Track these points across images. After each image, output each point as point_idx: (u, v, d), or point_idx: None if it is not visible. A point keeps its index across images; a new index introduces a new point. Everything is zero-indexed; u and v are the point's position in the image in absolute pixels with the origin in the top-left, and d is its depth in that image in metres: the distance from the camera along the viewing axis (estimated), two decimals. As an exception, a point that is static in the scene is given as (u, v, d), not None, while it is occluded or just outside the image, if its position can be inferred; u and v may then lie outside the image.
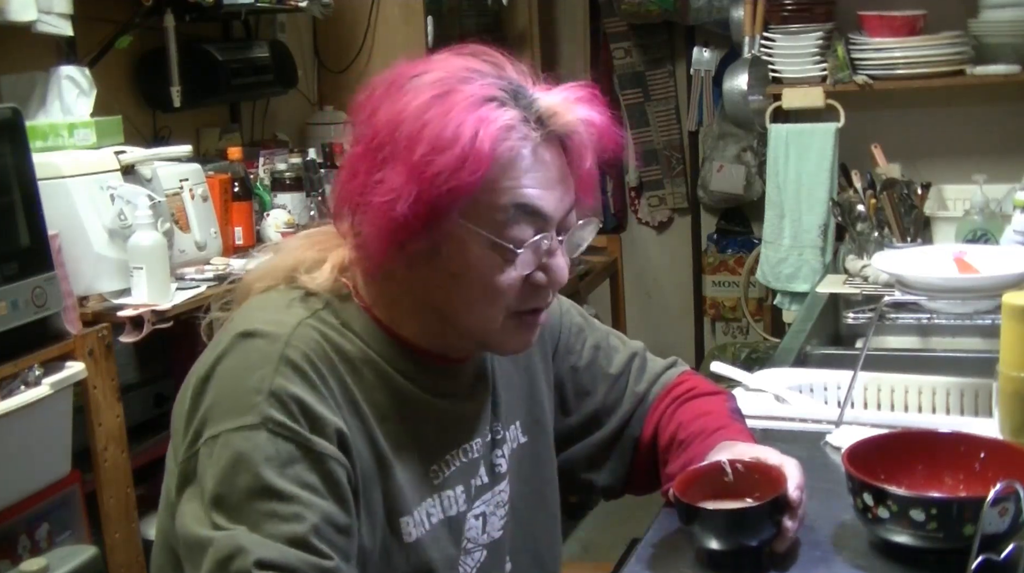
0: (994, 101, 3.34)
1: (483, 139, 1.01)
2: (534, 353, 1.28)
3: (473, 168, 1.01)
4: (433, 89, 1.04)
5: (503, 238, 1.05)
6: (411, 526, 1.10)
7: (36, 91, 2.37)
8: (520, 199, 1.05)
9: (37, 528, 1.96)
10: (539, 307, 1.11)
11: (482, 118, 1.02)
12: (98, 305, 2.18)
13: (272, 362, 1.03)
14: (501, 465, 1.21)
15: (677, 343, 5.01)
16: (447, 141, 1.01)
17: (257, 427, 1.00)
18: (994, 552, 1.03)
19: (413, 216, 1.02)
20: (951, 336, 2.11)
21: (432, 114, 1.02)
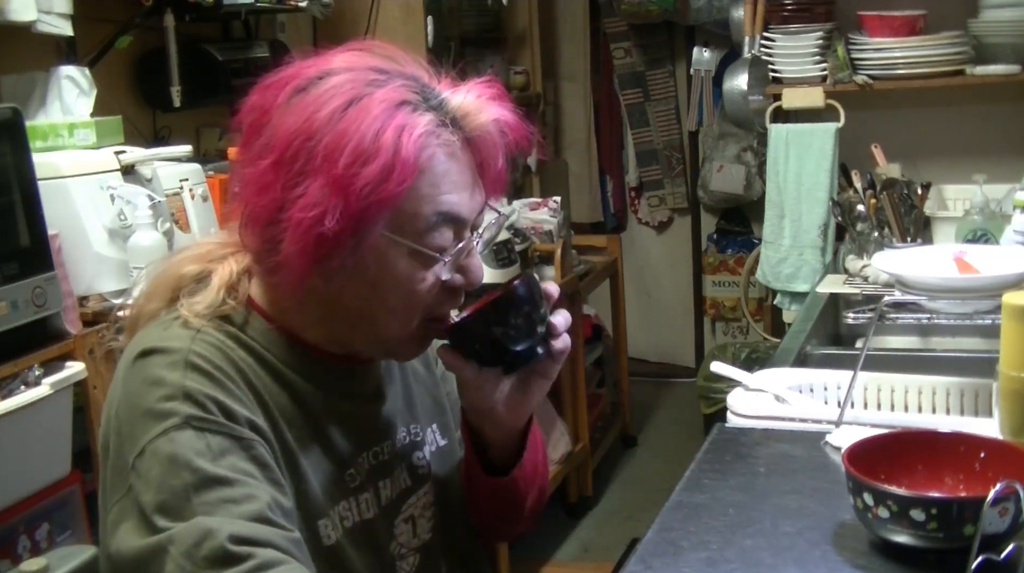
0: (994, 101, 3.34)
1: (407, 147, 1.00)
2: (433, 363, 1.29)
3: (400, 178, 1.00)
4: (343, 95, 1.01)
5: (425, 246, 1.05)
6: (328, 529, 1.08)
7: (36, 91, 2.37)
8: (441, 207, 1.04)
9: (37, 528, 1.96)
10: (448, 312, 1.11)
11: (401, 125, 1.01)
12: (98, 305, 2.18)
13: (179, 369, 1.01)
14: (424, 466, 1.21)
15: (677, 343, 5.02)
16: (370, 151, 0.99)
17: (181, 426, 0.98)
18: (994, 552, 1.03)
19: (340, 230, 0.99)
20: (951, 336, 2.10)
21: (348, 123, 1.00)
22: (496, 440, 1.20)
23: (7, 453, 1.89)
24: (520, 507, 1.26)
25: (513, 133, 1.11)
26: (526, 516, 1.29)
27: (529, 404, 1.16)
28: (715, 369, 1.73)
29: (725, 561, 1.15)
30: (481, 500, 1.25)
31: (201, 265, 1.12)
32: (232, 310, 1.09)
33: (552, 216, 3.61)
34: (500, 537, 1.38)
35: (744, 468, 1.40)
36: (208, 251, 1.14)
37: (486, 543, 1.37)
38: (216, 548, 0.93)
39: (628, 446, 4.39)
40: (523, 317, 1.09)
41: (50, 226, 2.03)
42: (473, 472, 1.23)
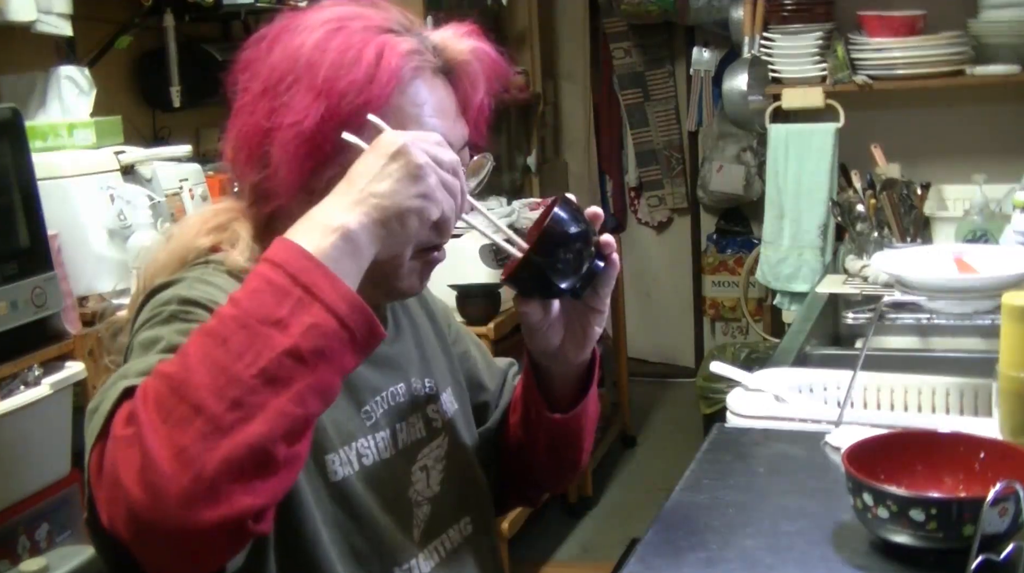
0: (994, 101, 3.34)
1: (388, 57, 1.03)
2: (440, 326, 1.30)
3: (382, 83, 1.02)
4: (328, 25, 1.05)
5: None
6: (336, 464, 1.07)
7: (36, 91, 2.37)
8: (426, 128, 1.06)
9: (37, 528, 1.96)
10: (440, 245, 1.11)
11: (384, 41, 1.05)
12: (98, 305, 2.18)
13: (186, 287, 1.01)
14: (437, 420, 1.22)
15: (677, 343, 5.02)
16: (351, 60, 1.02)
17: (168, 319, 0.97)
18: (994, 552, 1.03)
19: (323, 134, 1.01)
20: (951, 336, 2.10)
21: (332, 43, 1.04)
22: (561, 376, 1.22)
23: (7, 453, 1.89)
24: (581, 446, 1.28)
25: (492, 65, 1.13)
26: (582, 459, 1.30)
27: (590, 337, 1.17)
28: (715, 369, 1.73)
29: (725, 561, 1.15)
30: (542, 443, 1.26)
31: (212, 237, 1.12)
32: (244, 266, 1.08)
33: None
34: (555, 484, 1.36)
35: (744, 468, 1.40)
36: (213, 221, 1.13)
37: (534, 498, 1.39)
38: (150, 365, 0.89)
39: (628, 446, 4.39)
40: (572, 249, 1.09)
41: (50, 226, 2.03)
42: (535, 413, 1.24)
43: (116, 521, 0.84)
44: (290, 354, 0.84)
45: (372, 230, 0.93)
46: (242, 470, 0.82)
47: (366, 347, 0.90)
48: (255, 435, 0.82)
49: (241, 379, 0.83)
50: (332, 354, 0.87)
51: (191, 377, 0.83)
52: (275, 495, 0.85)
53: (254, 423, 0.82)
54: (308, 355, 0.85)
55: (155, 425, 0.82)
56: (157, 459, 0.81)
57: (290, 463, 0.86)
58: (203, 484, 0.81)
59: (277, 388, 0.84)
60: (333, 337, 0.87)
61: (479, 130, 1.15)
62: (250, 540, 0.86)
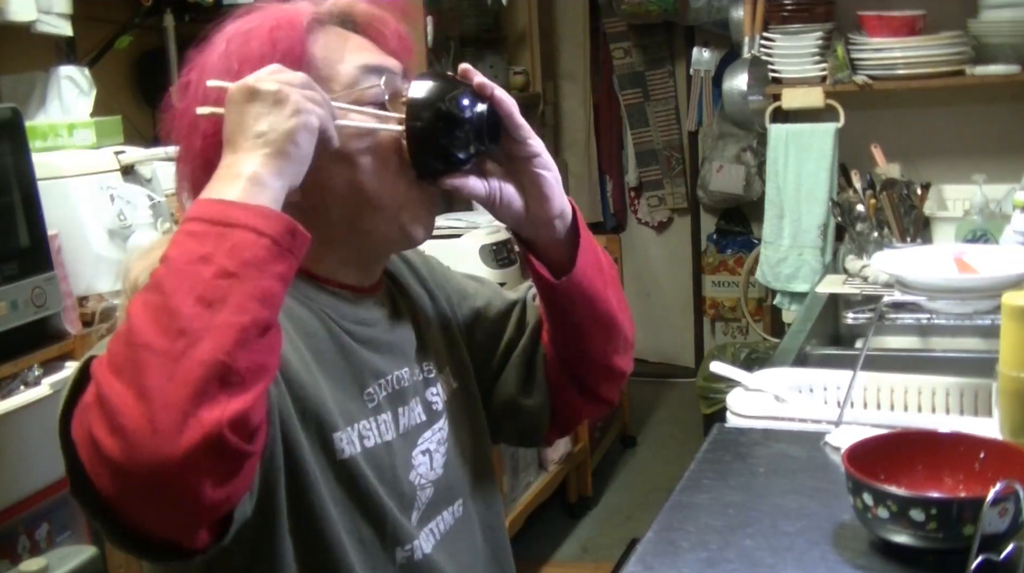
0: (994, 101, 3.34)
1: (287, 15, 1.10)
2: (440, 303, 1.29)
3: (288, 31, 1.08)
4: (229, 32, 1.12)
5: (361, 91, 1.10)
6: (343, 442, 1.08)
7: (36, 91, 2.37)
8: (358, 60, 1.11)
9: (37, 528, 1.96)
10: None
11: (279, 12, 1.11)
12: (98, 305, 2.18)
13: None
14: (437, 403, 1.22)
15: (677, 343, 5.03)
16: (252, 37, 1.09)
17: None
18: (994, 552, 1.03)
19: None
20: (951, 336, 2.10)
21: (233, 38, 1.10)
22: (549, 241, 1.18)
23: (7, 453, 1.89)
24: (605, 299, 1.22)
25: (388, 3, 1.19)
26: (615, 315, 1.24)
27: (545, 186, 1.14)
28: (715, 369, 1.73)
29: (725, 561, 1.15)
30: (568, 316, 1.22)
31: None
32: None
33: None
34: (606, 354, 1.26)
35: (744, 468, 1.40)
36: None
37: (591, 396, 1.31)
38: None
39: (628, 446, 4.39)
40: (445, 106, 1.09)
41: (50, 226, 2.03)
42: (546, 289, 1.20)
43: (102, 482, 0.85)
44: (219, 275, 0.88)
45: (273, 165, 0.96)
46: (204, 389, 0.84)
47: (292, 249, 0.93)
48: (208, 351, 0.84)
49: (180, 311, 0.86)
50: (259, 261, 0.90)
51: (134, 326, 0.86)
52: (247, 403, 0.86)
53: (203, 343, 0.85)
54: (236, 269, 0.89)
55: (112, 379, 0.85)
56: (121, 406, 0.83)
57: (255, 373, 0.87)
58: (169, 413, 0.82)
59: (215, 307, 0.87)
60: (256, 246, 0.90)
61: (406, 56, 1.18)
62: (242, 461, 0.87)
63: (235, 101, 0.99)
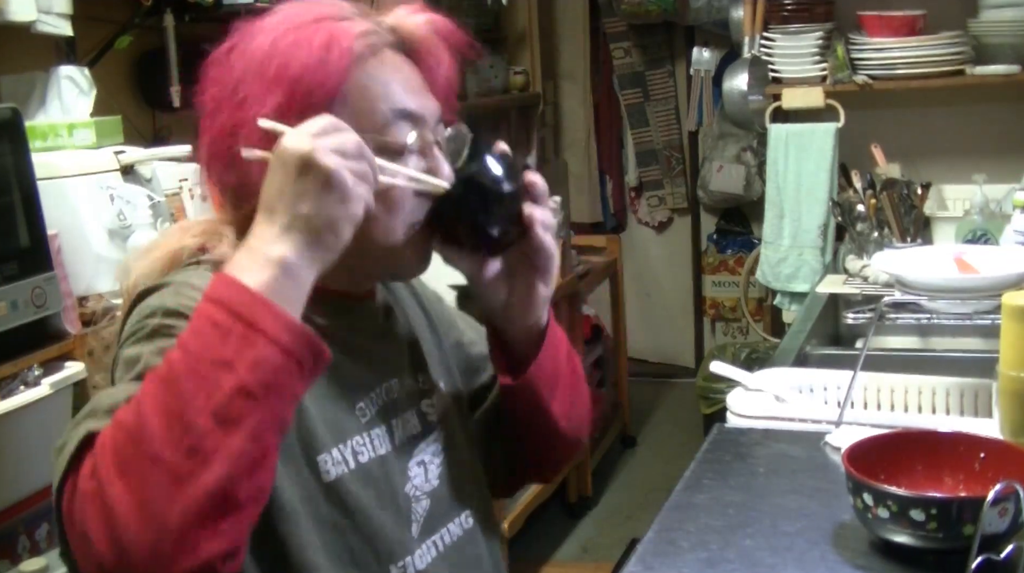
0: (994, 101, 3.34)
1: (340, 39, 1.04)
2: (432, 318, 1.29)
3: (335, 62, 1.03)
4: (281, 24, 1.07)
5: (387, 139, 1.06)
6: (329, 464, 1.07)
7: (36, 91, 2.37)
8: (396, 104, 1.07)
9: (37, 528, 1.96)
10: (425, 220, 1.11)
11: (335, 26, 1.06)
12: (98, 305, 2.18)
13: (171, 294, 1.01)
14: (431, 414, 1.21)
15: (677, 343, 5.02)
16: (302, 46, 1.04)
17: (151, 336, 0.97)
18: (994, 552, 1.03)
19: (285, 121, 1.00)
20: (951, 336, 2.11)
21: (284, 39, 1.05)
22: (516, 338, 1.19)
23: (7, 453, 1.89)
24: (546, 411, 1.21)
25: (450, 35, 1.14)
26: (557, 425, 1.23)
27: (535, 299, 1.15)
28: (715, 369, 1.73)
29: (725, 561, 1.15)
30: (511, 413, 1.24)
31: (199, 238, 1.12)
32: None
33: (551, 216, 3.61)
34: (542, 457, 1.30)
35: (744, 468, 1.40)
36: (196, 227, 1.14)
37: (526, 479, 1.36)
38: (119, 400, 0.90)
39: (628, 446, 4.39)
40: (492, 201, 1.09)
41: (50, 226, 2.03)
42: (500, 380, 1.22)
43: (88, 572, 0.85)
44: (239, 392, 0.85)
45: (308, 253, 0.93)
46: (205, 516, 0.83)
47: (314, 372, 0.91)
48: (214, 479, 0.83)
49: (195, 424, 0.83)
50: (281, 386, 0.88)
51: (146, 426, 0.84)
52: (242, 533, 0.86)
53: (212, 467, 0.83)
54: (257, 390, 0.86)
55: (115, 479, 0.83)
56: (120, 516, 0.82)
57: (254, 498, 0.87)
58: (169, 536, 0.82)
59: (230, 428, 0.84)
60: (280, 369, 0.88)
61: (450, 104, 1.15)
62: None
63: (285, 164, 0.94)
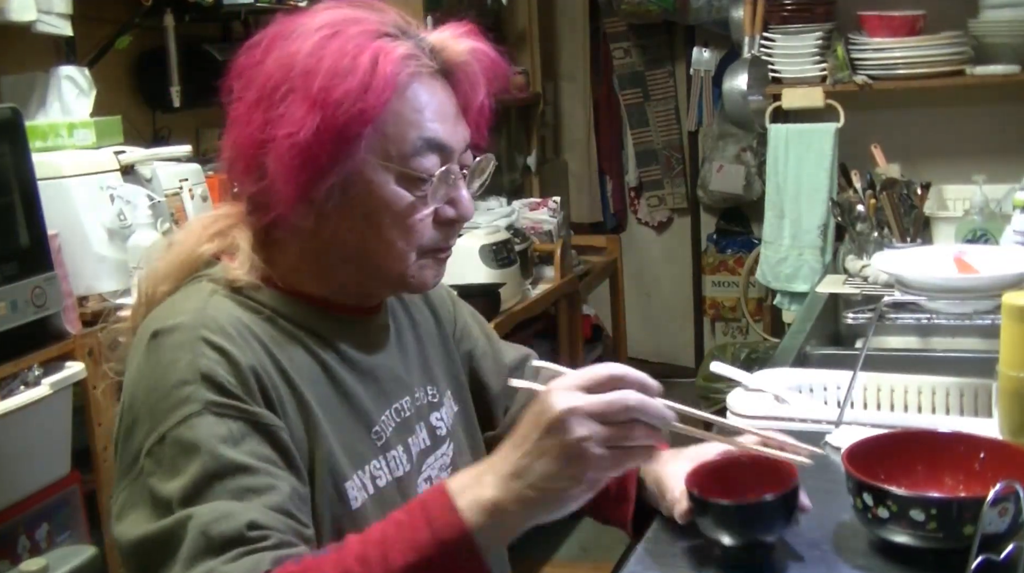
0: (994, 101, 3.34)
1: (383, 65, 1.02)
2: (444, 327, 1.29)
3: (378, 92, 1.01)
4: (323, 31, 1.04)
5: (412, 169, 1.05)
6: (354, 491, 1.07)
7: (36, 91, 2.37)
8: (426, 132, 1.05)
9: (37, 528, 1.96)
10: (447, 247, 1.11)
11: (379, 47, 1.03)
12: (98, 305, 2.18)
13: (192, 347, 1.00)
14: (441, 428, 1.21)
15: (677, 343, 5.02)
16: (346, 69, 1.01)
17: (201, 413, 0.97)
18: (994, 552, 1.02)
19: (319, 145, 1.00)
20: (951, 336, 2.10)
21: (327, 50, 1.02)
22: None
23: (7, 453, 1.89)
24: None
25: (491, 65, 1.13)
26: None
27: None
28: (715, 369, 1.73)
29: (725, 561, 1.15)
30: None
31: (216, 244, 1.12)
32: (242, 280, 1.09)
33: (552, 216, 3.61)
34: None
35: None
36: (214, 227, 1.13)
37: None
38: (234, 529, 0.92)
39: (628, 446, 4.38)
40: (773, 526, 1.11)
41: (50, 226, 2.03)
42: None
43: None
44: None
45: (531, 513, 0.92)
46: None
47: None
48: None
49: None
50: None
51: None
52: None
53: None
54: None
55: None
56: None
57: None
58: None
59: None
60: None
61: (480, 131, 1.14)
62: None
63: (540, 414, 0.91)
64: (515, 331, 3.16)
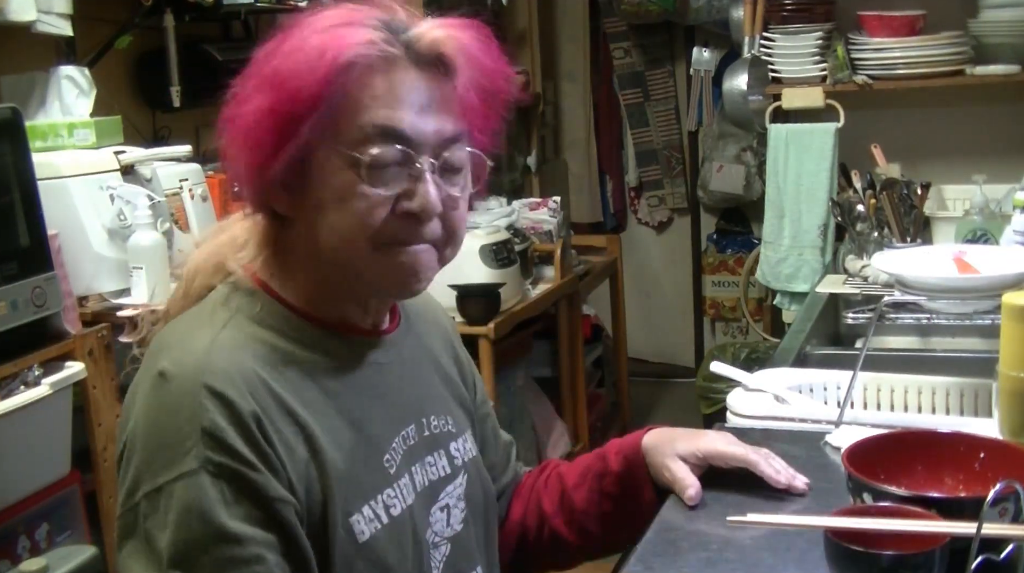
0: (994, 101, 3.34)
1: (334, 49, 1.01)
2: (467, 379, 1.30)
3: (321, 74, 1.00)
4: (307, 27, 1.05)
5: (362, 155, 1.02)
6: (362, 524, 1.06)
7: (36, 91, 2.37)
8: (378, 119, 1.02)
9: (37, 528, 1.96)
10: (409, 240, 1.06)
11: (337, 33, 1.03)
12: (98, 305, 2.18)
13: (195, 397, 0.99)
14: (458, 458, 1.21)
15: (677, 343, 5.02)
16: (296, 50, 1.02)
17: (197, 472, 0.97)
18: (994, 552, 1.02)
19: (265, 126, 1.01)
20: (951, 336, 2.10)
21: (292, 37, 1.04)
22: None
23: (7, 453, 1.89)
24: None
25: (478, 57, 1.08)
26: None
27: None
28: (715, 369, 1.73)
29: (725, 561, 1.15)
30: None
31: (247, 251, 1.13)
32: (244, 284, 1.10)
33: (552, 216, 3.61)
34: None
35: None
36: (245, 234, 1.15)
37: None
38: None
39: (628, 446, 4.38)
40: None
41: (50, 226, 2.03)
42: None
43: None
44: None
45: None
46: None
47: None
48: None
49: None
50: None
51: None
52: None
53: None
54: None
55: None
56: None
57: None
58: None
59: None
60: None
61: (476, 125, 1.10)
62: None
63: None
64: (515, 331, 3.16)
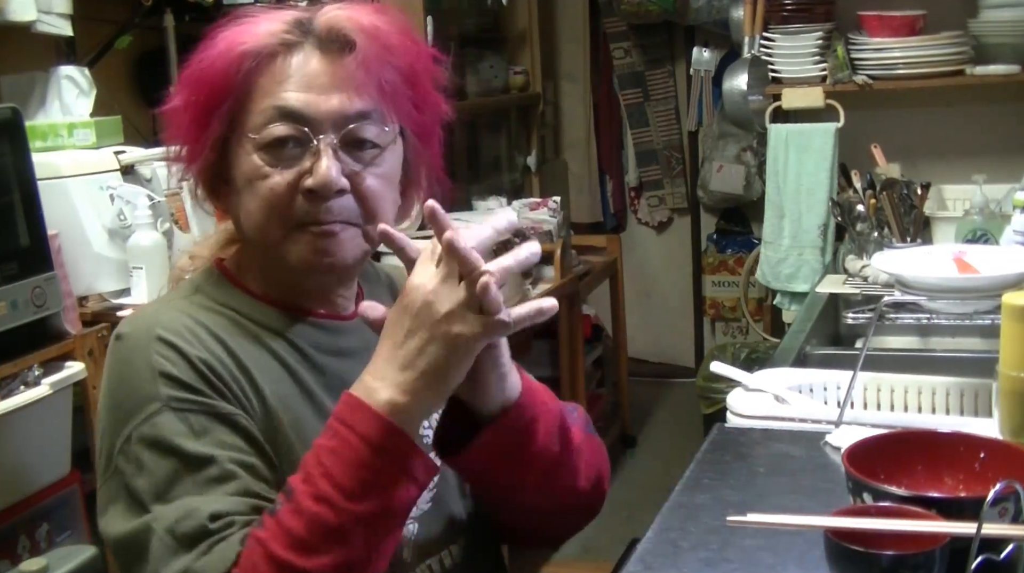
0: (994, 101, 3.34)
1: (237, 41, 1.09)
2: None
3: (224, 67, 1.08)
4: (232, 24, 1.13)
5: (263, 137, 1.08)
6: None
7: (36, 91, 2.37)
8: (278, 101, 1.08)
9: (37, 528, 1.96)
10: (319, 219, 1.08)
11: (244, 29, 1.10)
12: (98, 305, 2.18)
13: (149, 347, 1.05)
14: (428, 437, 1.19)
15: (677, 343, 5.02)
16: (209, 47, 1.10)
17: (160, 410, 1.02)
18: (994, 552, 1.02)
19: (188, 122, 1.10)
20: (951, 336, 2.10)
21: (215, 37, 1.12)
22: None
23: (7, 453, 1.89)
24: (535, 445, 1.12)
25: (382, 34, 1.10)
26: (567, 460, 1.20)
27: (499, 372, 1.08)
28: (715, 369, 1.73)
29: (725, 561, 1.15)
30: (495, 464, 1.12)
31: None
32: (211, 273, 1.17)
33: (552, 216, 3.61)
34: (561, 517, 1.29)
35: (744, 468, 1.40)
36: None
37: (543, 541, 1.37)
38: (197, 525, 0.97)
39: (628, 446, 4.38)
40: None
41: (50, 226, 2.03)
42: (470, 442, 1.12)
43: None
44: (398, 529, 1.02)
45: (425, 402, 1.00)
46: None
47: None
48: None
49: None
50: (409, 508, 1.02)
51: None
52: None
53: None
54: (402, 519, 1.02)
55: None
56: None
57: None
58: None
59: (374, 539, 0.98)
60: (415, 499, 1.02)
61: (399, 102, 1.11)
62: None
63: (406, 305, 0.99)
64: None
